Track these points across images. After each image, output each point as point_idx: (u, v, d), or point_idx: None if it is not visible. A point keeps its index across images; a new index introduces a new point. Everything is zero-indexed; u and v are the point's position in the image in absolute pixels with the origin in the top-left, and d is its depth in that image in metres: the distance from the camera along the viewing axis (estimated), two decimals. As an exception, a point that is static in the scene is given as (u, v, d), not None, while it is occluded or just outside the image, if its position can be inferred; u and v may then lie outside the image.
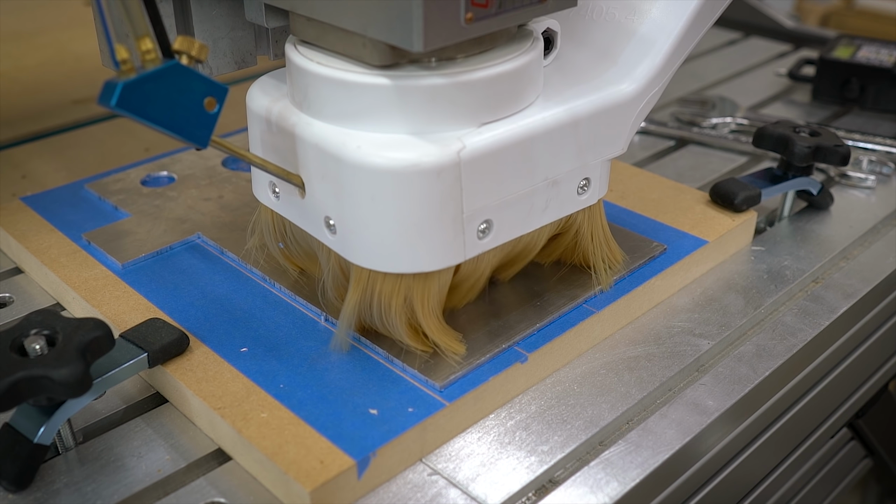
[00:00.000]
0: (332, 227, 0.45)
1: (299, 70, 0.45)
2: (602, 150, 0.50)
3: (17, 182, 0.72)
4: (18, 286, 0.59)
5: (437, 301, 0.47)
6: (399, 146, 0.42)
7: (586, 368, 0.51)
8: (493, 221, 0.46)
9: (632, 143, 0.79)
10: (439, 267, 0.45)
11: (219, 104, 0.41)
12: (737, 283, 0.59)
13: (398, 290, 0.46)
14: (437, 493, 0.43)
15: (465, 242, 0.45)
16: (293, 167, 0.46)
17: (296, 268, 0.54)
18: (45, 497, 0.42)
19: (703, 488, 0.51)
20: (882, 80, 0.84)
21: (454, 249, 0.45)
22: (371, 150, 0.42)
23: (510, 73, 0.44)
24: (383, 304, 0.46)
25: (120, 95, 0.37)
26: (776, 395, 0.54)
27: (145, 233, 0.59)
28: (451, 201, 0.43)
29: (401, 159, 0.42)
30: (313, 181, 0.45)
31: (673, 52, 0.51)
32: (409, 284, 0.46)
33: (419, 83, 0.42)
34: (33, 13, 1.09)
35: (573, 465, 0.45)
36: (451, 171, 0.42)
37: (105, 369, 0.44)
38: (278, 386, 0.46)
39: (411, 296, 0.46)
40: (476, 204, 0.44)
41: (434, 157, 0.42)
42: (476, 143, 0.43)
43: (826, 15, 2.07)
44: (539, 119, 0.46)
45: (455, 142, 0.43)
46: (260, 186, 0.50)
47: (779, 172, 0.65)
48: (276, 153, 0.47)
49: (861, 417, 0.72)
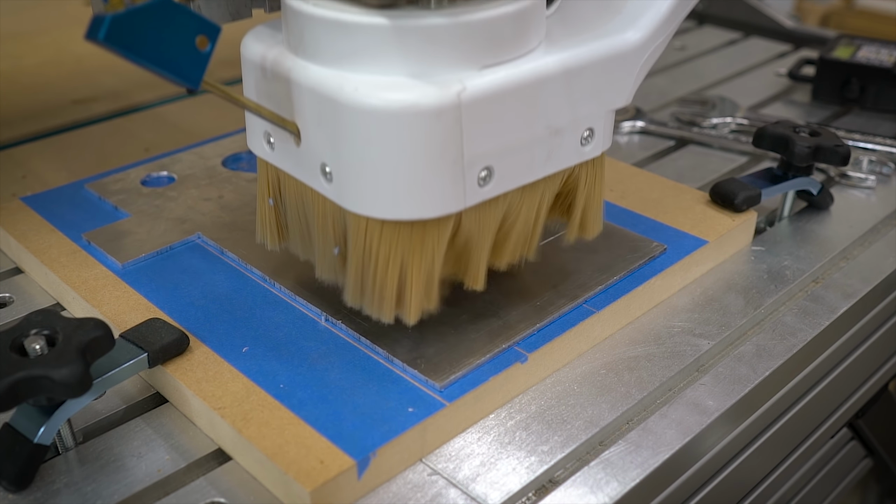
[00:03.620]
0: (327, 175, 0.44)
1: (295, 13, 0.43)
2: (606, 99, 0.49)
3: (18, 182, 0.72)
4: (18, 286, 0.59)
5: (433, 258, 0.45)
6: (397, 87, 0.41)
7: (586, 368, 0.51)
8: (494, 169, 0.44)
9: (632, 143, 0.79)
10: (439, 213, 0.43)
11: (211, 43, 0.39)
12: (737, 283, 0.59)
13: (396, 242, 0.44)
14: (437, 493, 0.43)
15: (465, 189, 0.43)
16: (288, 114, 0.45)
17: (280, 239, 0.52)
18: (45, 497, 0.42)
19: (703, 488, 0.51)
20: (882, 80, 0.84)
21: (454, 196, 0.43)
22: (369, 92, 0.41)
23: (513, 14, 0.43)
24: (380, 258, 0.44)
25: (108, 29, 0.36)
26: (776, 396, 0.54)
27: (145, 233, 0.59)
28: (451, 145, 0.42)
29: (399, 100, 0.41)
30: (309, 127, 0.44)
31: (678, 1, 0.50)
32: (406, 235, 0.44)
33: (418, 23, 0.41)
34: (33, 13, 1.09)
35: (573, 465, 0.45)
36: (451, 113, 0.41)
37: (105, 369, 0.44)
38: (278, 386, 0.46)
39: (408, 249, 0.44)
40: (476, 149, 0.43)
41: (434, 99, 0.41)
42: (477, 86, 0.42)
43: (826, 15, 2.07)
44: (542, 64, 0.45)
45: (455, 83, 0.41)
46: (254, 137, 0.49)
47: (779, 172, 0.65)
48: (270, 100, 0.46)
49: (861, 417, 0.72)
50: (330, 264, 0.48)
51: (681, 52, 1.02)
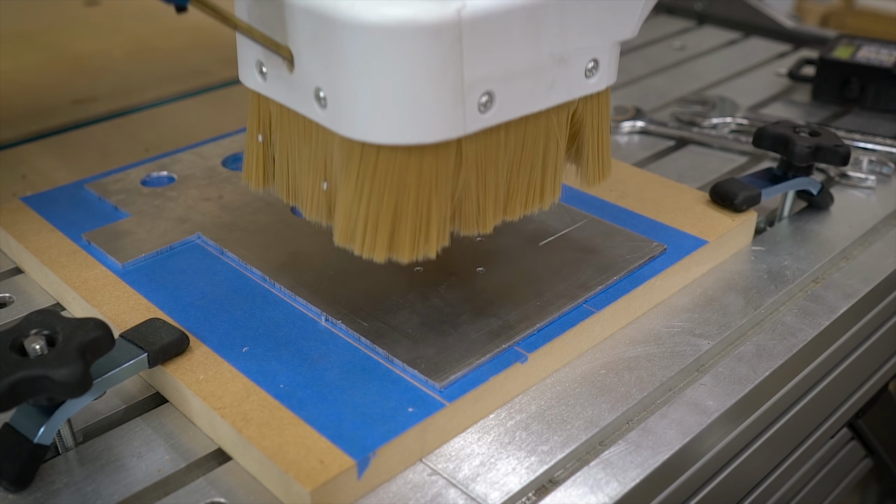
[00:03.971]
0: (322, 101, 0.43)
1: None
2: (612, 30, 0.48)
3: (17, 182, 0.72)
4: (18, 286, 0.59)
5: (431, 193, 0.44)
6: (396, 3, 0.40)
7: (586, 368, 0.51)
8: (496, 94, 0.43)
9: (632, 143, 0.79)
10: (438, 138, 0.42)
11: None
12: (737, 283, 0.59)
13: (392, 171, 0.42)
14: (437, 493, 0.43)
15: (465, 114, 0.42)
16: (282, 39, 0.44)
17: (265, 182, 0.51)
18: (45, 497, 0.42)
19: (703, 488, 0.51)
20: (882, 80, 0.84)
21: (454, 121, 0.42)
22: (365, 7, 0.40)
23: None
24: (374, 190, 0.43)
25: None
26: (776, 396, 0.54)
27: (145, 233, 0.59)
28: (451, 65, 0.41)
29: (397, 16, 0.40)
30: (302, 51, 0.43)
31: None
32: (403, 164, 0.42)
33: None
34: (33, 13, 1.09)
35: (573, 465, 0.45)
36: (451, 30, 0.40)
37: (105, 369, 0.44)
38: (278, 386, 0.46)
39: (404, 180, 0.43)
40: (477, 72, 0.42)
41: (433, 15, 0.40)
42: (478, 3, 0.41)
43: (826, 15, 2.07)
44: None
45: (455, 0, 0.40)
46: (246, 69, 0.48)
47: (779, 172, 0.65)
48: (263, 25, 0.45)
49: (861, 417, 0.72)
50: (318, 203, 0.47)
51: (681, 53, 1.02)
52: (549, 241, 0.58)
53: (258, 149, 0.50)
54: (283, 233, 0.59)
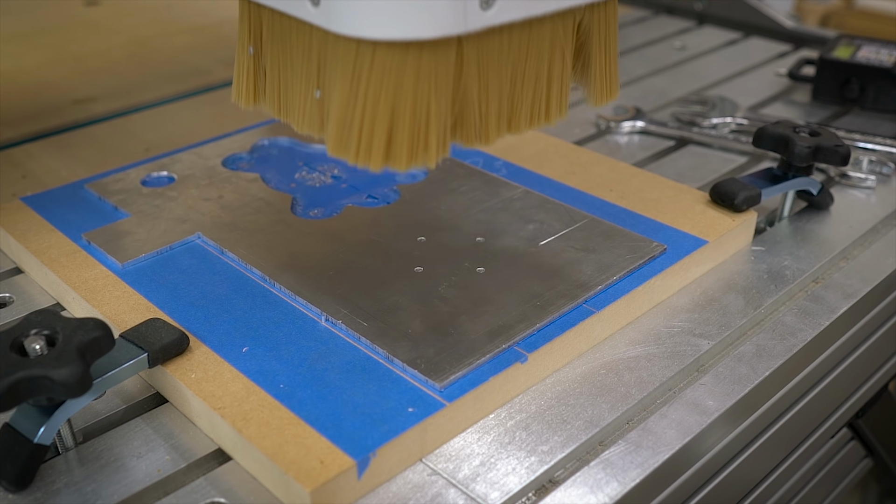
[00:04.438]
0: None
1: None
2: None
3: (17, 182, 0.72)
4: (18, 286, 0.59)
5: (429, 95, 0.41)
6: None
7: (586, 368, 0.51)
8: None
9: (632, 143, 0.79)
10: (437, 34, 0.40)
11: None
12: (737, 283, 0.59)
13: (388, 71, 0.40)
14: (437, 493, 0.43)
15: (465, 10, 0.40)
16: None
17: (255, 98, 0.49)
18: (45, 497, 0.42)
19: (703, 488, 0.51)
20: (882, 80, 0.84)
21: (454, 15, 0.40)
22: None
23: None
24: (369, 93, 0.40)
25: None
26: (776, 395, 0.54)
27: (145, 233, 0.59)
28: None
29: None
30: None
31: None
32: (400, 63, 0.40)
33: None
34: (33, 13, 1.09)
35: (573, 465, 0.45)
36: None
37: (105, 369, 0.44)
38: (278, 386, 0.46)
39: (401, 80, 0.40)
40: None
41: None
42: None
43: (826, 15, 2.07)
44: None
45: None
46: None
47: (779, 172, 0.65)
48: None
49: (861, 417, 0.72)
50: (311, 114, 0.45)
51: (681, 53, 1.02)
52: (549, 241, 0.58)
53: (248, 62, 0.48)
54: (283, 233, 0.59)
